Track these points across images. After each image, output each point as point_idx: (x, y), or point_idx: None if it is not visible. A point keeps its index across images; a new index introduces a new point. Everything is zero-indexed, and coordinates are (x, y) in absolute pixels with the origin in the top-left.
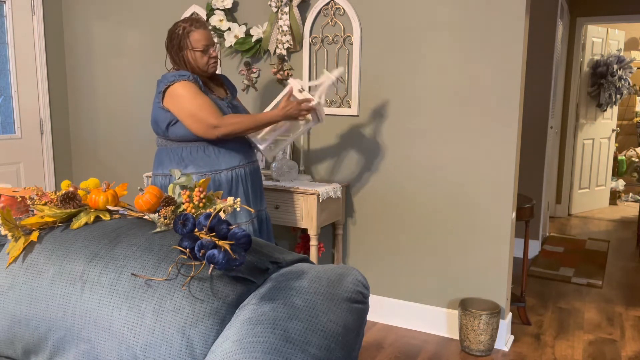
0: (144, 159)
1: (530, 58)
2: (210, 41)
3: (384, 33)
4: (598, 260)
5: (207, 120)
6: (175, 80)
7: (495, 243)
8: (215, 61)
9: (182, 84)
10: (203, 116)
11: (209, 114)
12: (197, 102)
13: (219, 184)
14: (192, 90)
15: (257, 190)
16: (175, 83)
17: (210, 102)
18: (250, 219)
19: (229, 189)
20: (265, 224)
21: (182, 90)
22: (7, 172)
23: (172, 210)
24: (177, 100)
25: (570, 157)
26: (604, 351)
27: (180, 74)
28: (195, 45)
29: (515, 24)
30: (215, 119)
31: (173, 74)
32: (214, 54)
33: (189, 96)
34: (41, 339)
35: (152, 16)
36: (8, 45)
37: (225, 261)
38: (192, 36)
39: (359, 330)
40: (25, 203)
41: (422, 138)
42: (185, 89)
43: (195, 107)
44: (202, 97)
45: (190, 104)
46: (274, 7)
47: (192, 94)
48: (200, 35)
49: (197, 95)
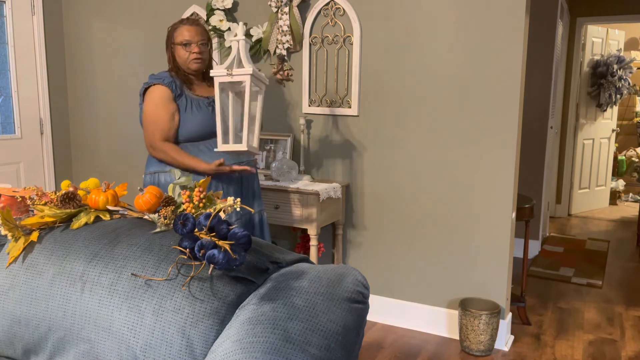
0: (144, 159)
1: (530, 58)
2: (195, 37)
3: (384, 33)
4: (598, 260)
5: (149, 136)
6: (151, 84)
7: (495, 243)
8: (196, 57)
9: (155, 88)
10: (150, 130)
11: (155, 132)
12: (156, 113)
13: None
14: (160, 98)
15: (250, 193)
16: (151, 86)
17: (167, 118)
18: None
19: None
20: (259, 227)
21: (152, 95)
22: (7, 172)
23: (172, 210)
24: (146, 103)
25: (570, 157)
26: (604, 351)
27: (158, 77)
28: (177, 40)
29: (515, 24)
30: (156, 139)
31: (153, 76)
32: (195, 49)
33: (153, 103)
34: (41, 339)
35: (152, 16)
36: (8, 45)
37: (225, 261)
38: (177, 31)
39: (359, 330)
40: (25, 203)
41: (421, 138)
42: (154, 94)
43: (151, 117)
44: (164, 108)
45: (150, 112)
46: (274, 7)
47: (157, 101)
48: (185, 30)
49: (161, 105)
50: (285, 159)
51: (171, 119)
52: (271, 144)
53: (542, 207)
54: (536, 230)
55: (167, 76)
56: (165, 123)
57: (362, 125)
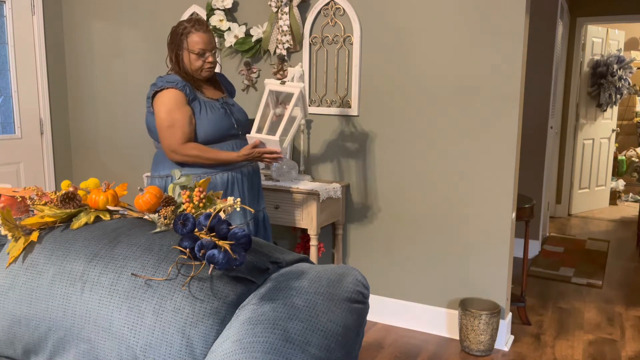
0: (144, 159)
1: (530, 58)
2: (209, 46)
3: (384, 33)
4: (598, 260)
5: (169, 141)
6: (164, 87)
7: (495, 243)
8: (210, 67)
9: (168, 92)
10: (169, 135)
11: (174, 135)
12: (172, 117)
13: (214, 185)
14: (174, 102)
15: (255, 192)
16: (163, 90)
17: (186, 121)
18: (245, 220)
19: (224, 190)
20: (262, 224)
21: (165, 99)
22: (7, 172)
23: (172, 210)
24: (159, 108)
25: (570, 157)
26: (604, 351)
27: (170, 80)
28: (192, 47)
29: (515, 24)
30: (177, 142)
31: (163, 79)
32: (210, 59)
33: (168, 108)
34: (41, 339)
35: (152, 16)
36: (8, 45)
37: (225, 261)
38: (191, 37)
39: (359, 330)
40: (25, 203)
41: (421, 138)
42: (168, 98)
43: (168, 121)
44: (180, 112)
45: (166, 116)
46: (274, 7)
47: (172, 105)
48: (199, 38)
49: (176, 108)
50: (285, 159)
51: (189, 121)
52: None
53: (542, 207)
54: (536, 230)
55: (180, 80)
56: (184, 126)
57: (362, 125)
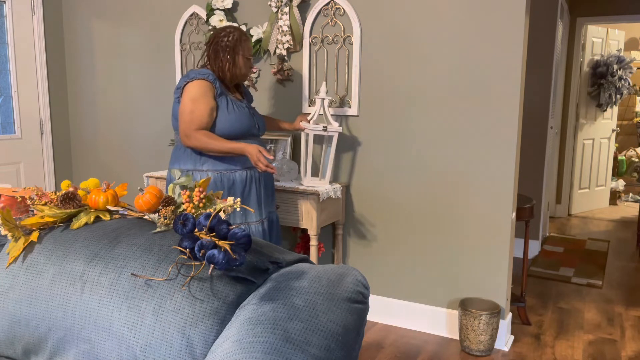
0: (144, 159)
1: (530, 58)
2: None
3: (384, 33)
4: (598, 260)
5: (185, 126)
6: (195, 78)
7: (495, 243)
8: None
9: (199, 82)
10: (187, 120)
11: (192, 122)
12: (194, 105)
13: (233, 182)
14: (202, 91)
15: (269, 192)
16: (194, 80)
17: (207, 112)
18: (260, 219)
19: (242, 188)
20: (275, 224)
21: (194, 88)
22: (7, 172)
23: (172, 210)
24: (186, 95)
25: (570, 157)
26: (604, 351)
27: (202, 72)
28: (247, 53)
29: (515, 24)
30: (192, 128)
31: (196, 72)
32: (252, 65)
33: (193, 95)
34: (41, 339)
35: (152, 16)
36: (8, 45)
37: (225, 261)
38: (247, 44)
39: (359, 330)
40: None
41: (422, 138)
42: (196, 88)
43: (189, 107)
44: (204, 102)
45: (190, 103)
46: (274, 7)
47: (198, 94)
48: (250, 45)
49: (201, 98)
50: (285, 159)
51: (210, 112)
52: (271, 144)
53: (542, 207)
54: (536, 230)
55: (211, 73)
56: (203, 115)
57: (362, 125)
